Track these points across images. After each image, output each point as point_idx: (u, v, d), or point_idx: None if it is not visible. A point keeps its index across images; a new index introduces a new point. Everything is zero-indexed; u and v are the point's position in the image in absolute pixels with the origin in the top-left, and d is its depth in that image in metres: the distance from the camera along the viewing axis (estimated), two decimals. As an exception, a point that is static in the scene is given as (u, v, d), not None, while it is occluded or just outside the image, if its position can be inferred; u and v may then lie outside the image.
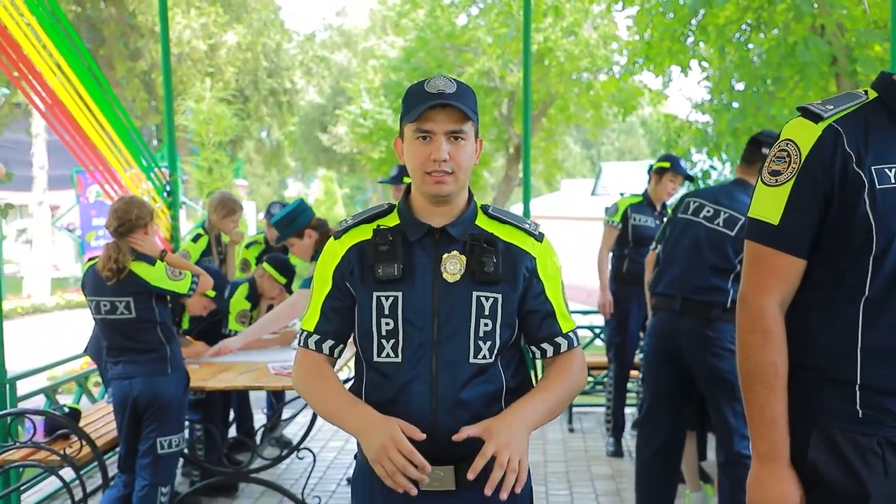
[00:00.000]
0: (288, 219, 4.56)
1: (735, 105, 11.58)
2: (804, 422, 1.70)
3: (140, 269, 3.56)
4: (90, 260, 3.70)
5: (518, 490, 1.75)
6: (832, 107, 1.68)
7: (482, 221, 1.97)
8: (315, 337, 1.96)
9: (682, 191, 6.13)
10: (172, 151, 6.46)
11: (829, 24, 10.32)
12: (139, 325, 3.58)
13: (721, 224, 3.55)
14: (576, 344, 2.00)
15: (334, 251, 1.97)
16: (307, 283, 4.56)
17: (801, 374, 1.71)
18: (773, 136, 3.60)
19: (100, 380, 5.74)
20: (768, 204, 1.71)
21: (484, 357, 1.88)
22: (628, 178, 24.44)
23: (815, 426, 1.70)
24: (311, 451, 4.13)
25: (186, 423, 4.77)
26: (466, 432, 1.78)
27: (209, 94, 11.11)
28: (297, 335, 1.99)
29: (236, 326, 4.73)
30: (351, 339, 1.98)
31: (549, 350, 1.97)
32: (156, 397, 3.54)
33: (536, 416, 1.86)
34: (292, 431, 5.91)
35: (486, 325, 1.88)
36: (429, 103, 1.84)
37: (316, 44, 25.51)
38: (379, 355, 1.89)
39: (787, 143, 1.70)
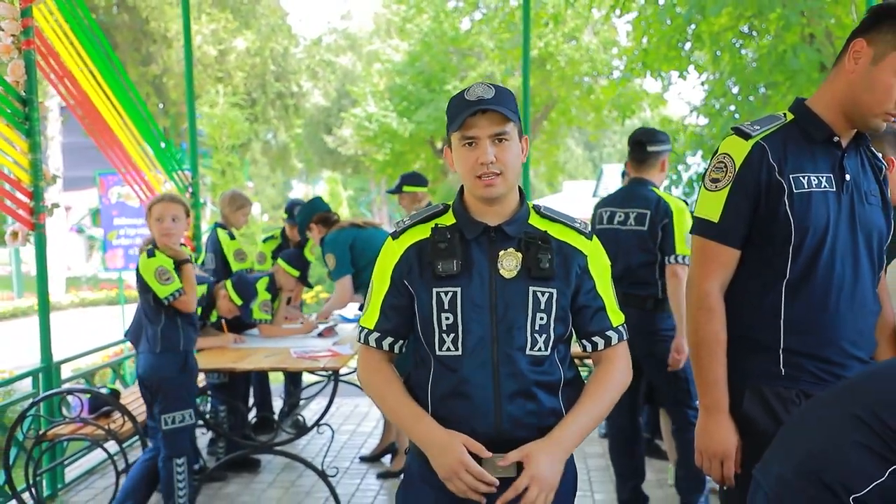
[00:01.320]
0: (302, 216, 5.32)
1: (731, 108, 11.97)
2: (740, 380, 2.13)
3: (141, 258, 3.91)
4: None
5: None
6: (759, 127, 2.12)
7: (535, 220, 2.05)
8: (375, 334, 2.05)
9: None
10: (194, 155, 6.90)
11: (818, 32, 10.71)
12: (143, 307, 3.96)
13: (633, 223, 3.94)
14: (625, 337, 2.09)
15: (393, 251, 2.04)
16: (335, 275, 5.02)
17: (738, 343, 2.14)
18: (650, 134, 4.05)
19: (132, 366, 6.20)
20: (710, 205, 2.14)
21: (540, 349, 1.97)
22: (629, 180, 24.75)
23: (748, 384, 2.13)
24: (329, 426, 4.54)
25: (209, 403, 5.23)
26: (511, 458, 1.89)
27: (222, 99, 11.53)
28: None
29: (260, 315, 5.15)
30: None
31: (601, 343, 2.05)
32: (150, 374, 3.86)
33: (581, 435, 1.97)
34: (307, 416, 6.32)
35: (541, 318, 1.97)
36: (470, 110, 1.93)
37: (322, 48, 25.90)
38: (441, 349, 1.97)
39: (725, 157, 2.13)
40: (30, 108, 4.57)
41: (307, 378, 6.42)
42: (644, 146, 4.03)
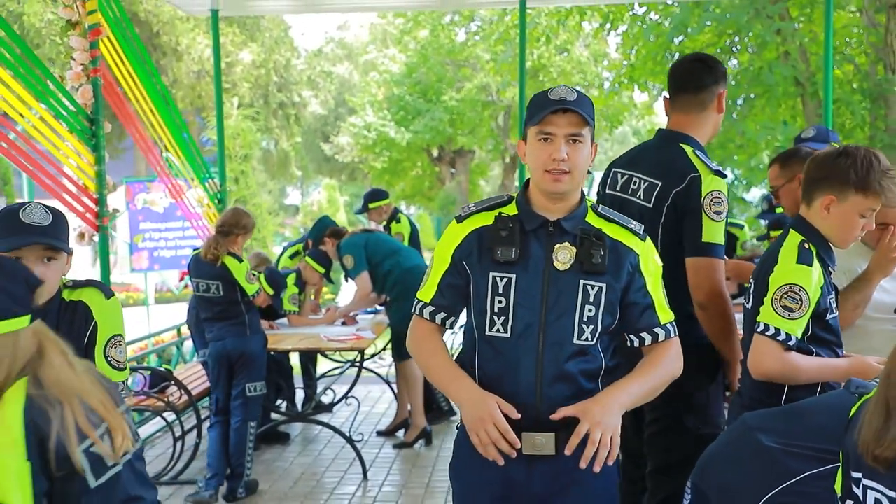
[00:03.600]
0: (314, 232, 6.08)
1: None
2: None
3: (230, 262, 4.72)
4: (195, 250, 4.87)
5: (610, 462, 1.98)
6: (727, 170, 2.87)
7: (592, 218, 2.14)
8: (430, 308, 2.17)
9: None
10: (222, 165, 7.63)
11: (792, 50, 11.48)
12: (226, 302, 4.73)
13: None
14: (673, 334, 2.16)
15: (456, 233, 2.17)
16: (353, 273, 5.73)
17: None
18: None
19: (172, 351, 6.94)
20: (716, 233, 2.75)
21: (586, 339, 2.07)
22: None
23: None
24: (356, 398, 5.28)
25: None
26: (563, 412, 1.98)
27: (236, 111, 12.25)
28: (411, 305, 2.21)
29: (289, 307, 5.86)
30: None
31: (648, 339, 2.14)
32: (242, 353, 4.68)
33: (631, 397, 2.05)
34: (326, 401, 7.05)
35: (589, 310, 2.06)
36: (551, 108, 2.03)
37: (322, 59, 26.71)
38: (490, 329, 2.08)
39: (720, 193, 2.76)
40: (96, 127, 5.28)
41: (321, 368, 7.13)
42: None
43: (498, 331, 2.08)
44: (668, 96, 3.01)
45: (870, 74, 11.70)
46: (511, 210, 2.15)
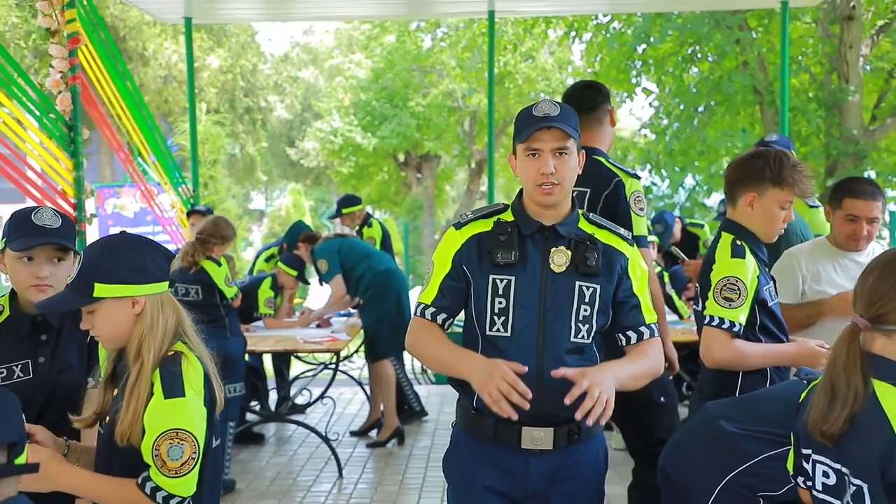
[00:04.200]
0: (289, 237, 6.25)
1: (677, 125, 13.04)
2: None
3: (209, 266, 4.83)
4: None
5: (602, 422, 2.02)
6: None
7: (584, 225, 2.25)
8: (431, 309, 2.25)
9: None
10: (195, 170, 7.72)
11: (751, 60, 11.81)
12: (205, 305, 4.82)
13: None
14: (656, 334, 2.27)
15: (455, 239, 2.25)
16: (328, 276, 5.86)
17: None
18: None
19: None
20: (642, 226, 3.06)
21: (582, 337, 2.17)
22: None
23: None
24: (332, 399, 5.41)
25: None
26: (563, 372, 2.04)
27: (204, 116, 12.31)
28: (416, 307, 2.28)
29: (264, 310, 5.97)
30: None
31: (634, 337, 2.24)
32: (222, 354, 4.75)
33: (625, 373, 2.13)
34: (299, 403, 7.15)
35: (585, 310, 2.17)
36: (536, 126, 2.13)
37: (288, 64, 26.75)
38: (490, 329, 2.18)
39: (639, 192, 3.05)
40: (74, 133, 5.36)
41: (294, 371, 7.23)
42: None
43: (498, 330, 2.17)
44: None
45: (825, 84, 12.08)
46: (507, 217, 2.25)
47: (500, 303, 2.17)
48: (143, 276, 1.95)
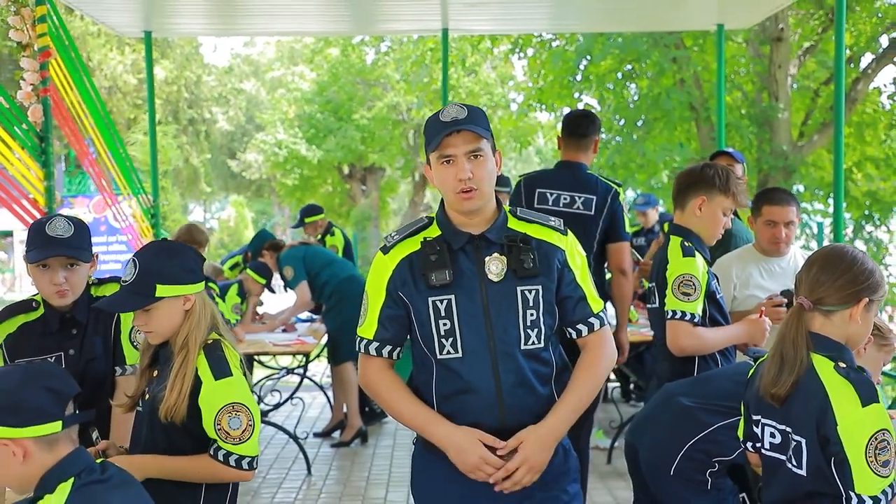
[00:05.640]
0: (254, 245, 6.45)
1: (618, 139, 13.53)
2: None
3: None
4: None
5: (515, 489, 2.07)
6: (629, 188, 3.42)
7: (513, 223, 2.18)
8: (375, 344, 2.17)
9: None
10: (155, 181, 7.86)
11: (687, 77, 12.37)
12: None
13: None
14: (605, 322, 2.23)
15: (385, 265, 2.17)
16: (293, 283, 6.07)
17: None
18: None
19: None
20: (627, 226, 3.62)
21: (533, 343, 2.12)
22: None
23: None
24: (301, 399, 5.63)
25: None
26: (509, 447, 2.06)
27: (157, 127, 12.36)
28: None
29: (231, 316, 6.15)
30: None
31: (584, 330, 2.20)
32: None
33: (571, 418, 2.13)
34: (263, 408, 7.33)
35: (531, 314, 2.11)
36: (446, 131, 2.05)
37: (232, 75, 26.77)
38: (441, 353, 2.11)
39: (624, 199, 3.36)
40: (46, 144, 5.49)
41: (255, 377, 7.41)
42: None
43: (449, 352, 2.11)
44: (561, 136, 4.18)
45: (756, 101, 12.71)
46: (434, 232, 2.18)
47: (444, 325, 2.11)
48: (194, 276, 2.24)
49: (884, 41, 12.54)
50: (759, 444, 2.17)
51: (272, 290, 6.58)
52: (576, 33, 12.85)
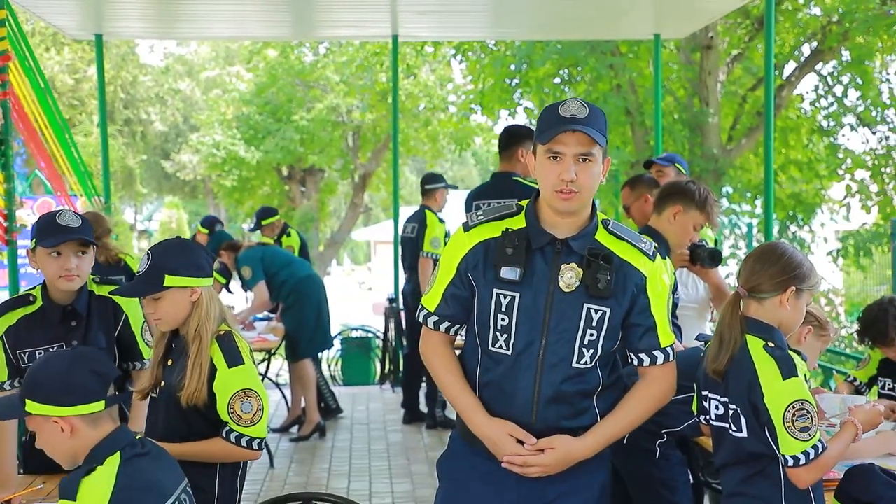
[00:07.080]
0: (211, 246, 6.63)
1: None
2: None
3: (133, 262, 5.05)
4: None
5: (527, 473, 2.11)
6: None
7: (601, 236, 2.11)
8: (434, 318, 2.19)
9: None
10: (107, 183, 7.92)
11: (623, 83, 12.82)
12: None
13: None
14: (671, 358, 2.18)
15: (462, 242, 2.14)
16: (252, 283, 6.22)
17: None
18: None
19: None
20: None
21: (585, 363, 2.09)
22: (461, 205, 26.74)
23: None
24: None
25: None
26: (538, 446, 2.08)
27: (97, 128, 12.31)
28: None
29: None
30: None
31: (646, 360, 2.16)
32: None
33: (605, 443, 2.15)
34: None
35: (591, 335, 2.06)
36: (561, 128, 1.98)
37: (168, 76, 26.50)
38: (493, 345, 2.10)
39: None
40: (5, 147, 5.56)
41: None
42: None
43: (500, 347, 2.10)
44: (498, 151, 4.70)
45: (687, 106, 13.23)
46: (519, 222, 2.13)
47: (503, 320, 2.09)
48: (201, 272, 2.47)
49: (806, 50, 13.19)
50: (707, 417, 2.48)
51: (230, 291, 6.73)
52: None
